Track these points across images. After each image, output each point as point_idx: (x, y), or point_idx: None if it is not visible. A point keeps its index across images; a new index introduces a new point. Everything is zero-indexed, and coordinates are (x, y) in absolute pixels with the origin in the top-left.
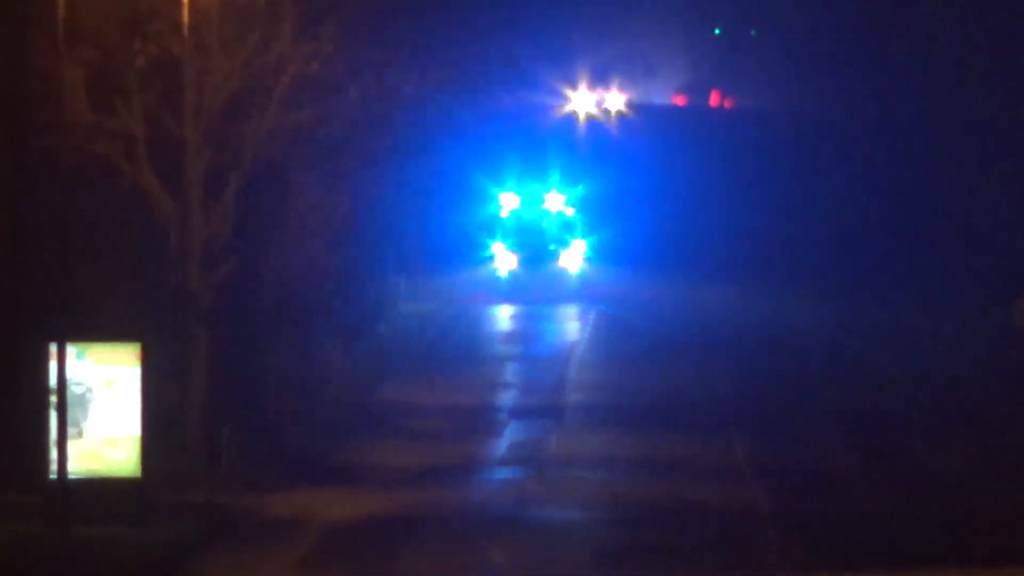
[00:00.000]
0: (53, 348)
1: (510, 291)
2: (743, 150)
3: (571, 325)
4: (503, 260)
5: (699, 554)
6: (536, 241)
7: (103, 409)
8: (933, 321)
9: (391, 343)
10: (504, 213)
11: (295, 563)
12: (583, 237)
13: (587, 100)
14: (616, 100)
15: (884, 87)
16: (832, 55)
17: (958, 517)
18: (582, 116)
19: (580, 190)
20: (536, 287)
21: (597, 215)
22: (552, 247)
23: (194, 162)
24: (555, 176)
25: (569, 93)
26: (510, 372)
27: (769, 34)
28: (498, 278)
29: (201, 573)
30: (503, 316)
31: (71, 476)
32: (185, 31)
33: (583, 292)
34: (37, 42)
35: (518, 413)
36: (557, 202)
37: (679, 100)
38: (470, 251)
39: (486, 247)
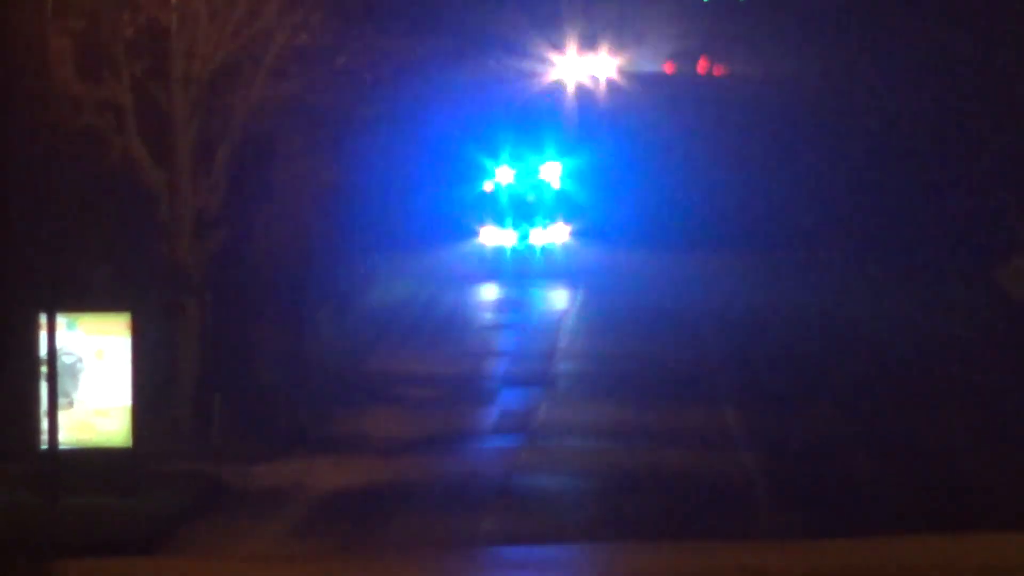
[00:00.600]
0: (43, 318)
1: (496, 269)
2: (731, 119)
3: (559, 302)
4: (490, 236)
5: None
6: (524, 216)
7: (94, 379)
8: (918, 290)
9: (377, 316)
10: (490, 187)
11: (287, 532)
12: (573, 211)
13: (577, 66)
14: (606, 66)
15: (880, 55)
16: (825, 20)
17: (950, 484)
18: (571, 83)
19: (570, 163)
20: (524, 264)
21: (588, 188)
22: (541, 222)
23: (183, 133)
24: (544, 149)
25: (557, 59)
26: (499, 342)
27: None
28: (485, 255)
29: (192, 542)
30: (489, 296)
31: (62, 446)
32: (173, 0)
33: (573, 268)
34: (24, 12)
35: (508, 381)
36: (546, 175)
37: (668, 68)
38: (456, 227)
39: (472, 223)
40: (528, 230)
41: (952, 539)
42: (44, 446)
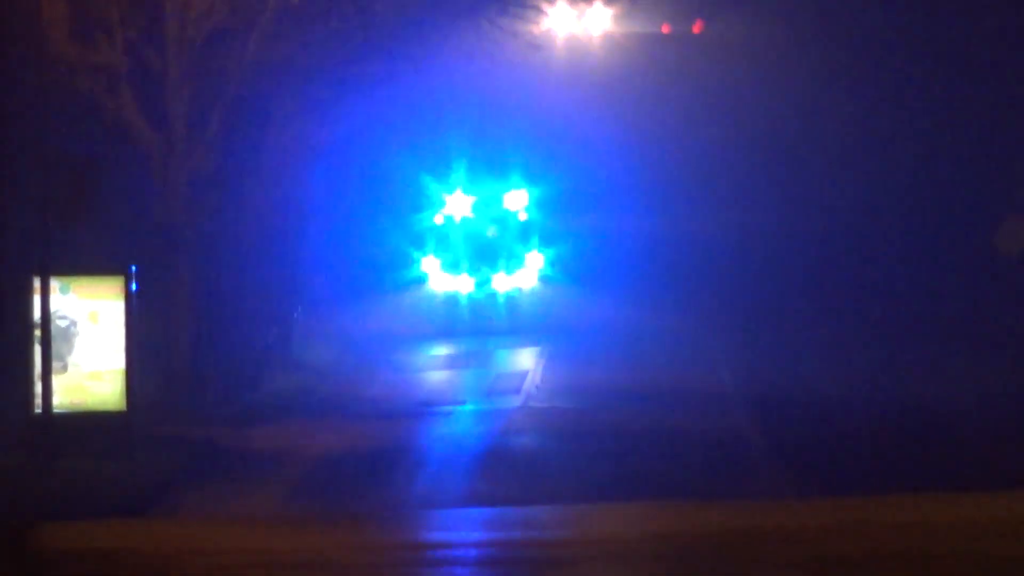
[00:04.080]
0: (37, 282)
1: (448, 323)
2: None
3: (515, 379)
4: (438, 281)
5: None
6: (481, 255)
7: (88, 343)
8: (914, 250)
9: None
10: (440, 220)
11: (282, 493)
12: (544, 250)
13: (568, 17)
14: (601, 17)
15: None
16: None
17: (949, 442)
18: (561, 37)
19: (541, 189)
20: (484, 317)
21: (563, 221)
22: (504, 263)
23: (177, 96)
24: (509, 171)
25: (545, 7)
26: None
27: None
28: (430, 306)
29: (187, 504)
30: (428, 363)
31: (56, 410)
32: None
33: (543, 323)
34: None
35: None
36: (513, 202)
37: (664, 29)
38: (397, 271)
39: (414, 265)
40: (488, 274)
41: (953, 497)
42: (38, 410)
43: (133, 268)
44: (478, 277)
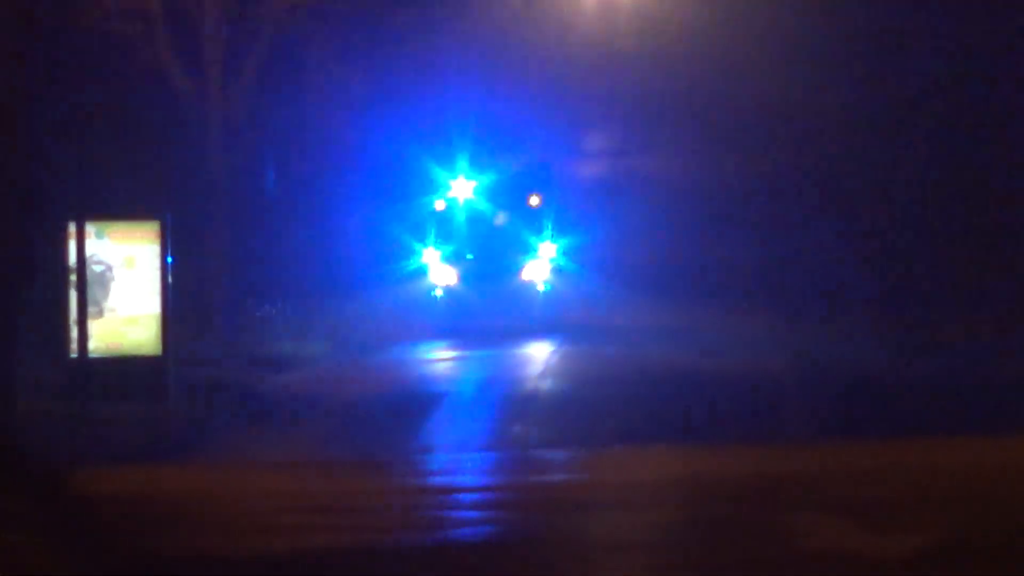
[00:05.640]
0: (72, 227)
1: (443, 324)
2: None
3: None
4: (443, 274)
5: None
6: (487, 245)
7: (123, 288)
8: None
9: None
10: (442, 206)
11: (320, 438)
12: (560, 238)
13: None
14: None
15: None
16: None
17: (988, 389)
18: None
19: (557, 168)
20: (483, 316)
21: (583, 206)
22: (511, 254)
23: (212, 41)
24: (524, 144)
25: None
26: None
27: None
28: (430, 302)
29: (221, 449)
30: (421, 367)
31: (92, 355)
32: None
33: (558, 322)
34: None
35: None
36: (519, 187)
37: None
38: (394, 262)
39: (415, 256)
40: (496, 266)
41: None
42: (74, 355)
43: (168, 213)
44: (483, 269)
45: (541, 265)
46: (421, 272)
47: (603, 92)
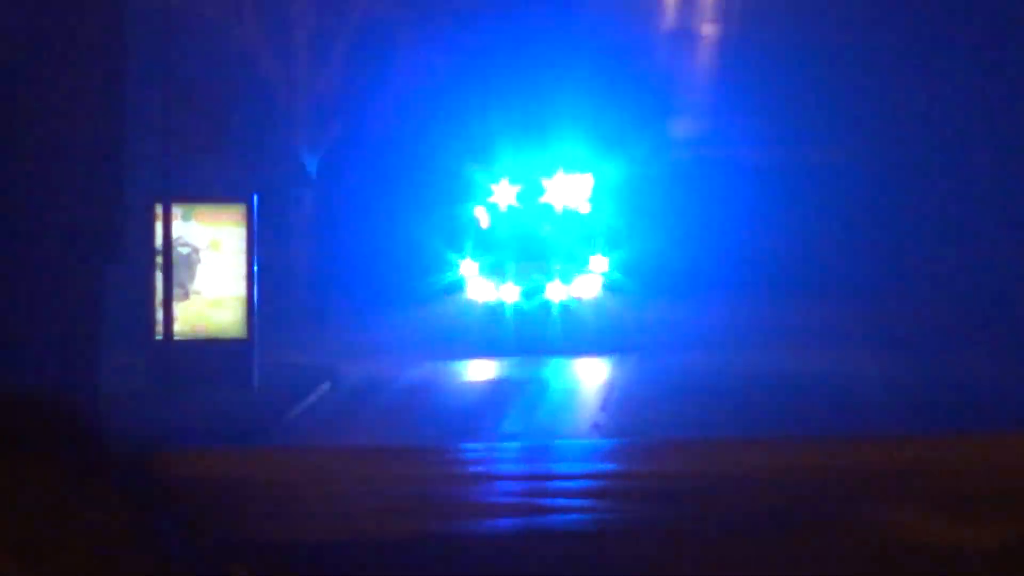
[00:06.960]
0: (159, 209)
1: (490, 338)
2: None
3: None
4: (482, 288)
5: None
6: (534, 258)
7: (209, 270)
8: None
9: None
10: (482, 214)
11: (402, 424)
12: (611, 250)
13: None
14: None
15: None
16: None
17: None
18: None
19: (609, 174)
20: (533, 331)
21: (636, 214)
22: (561, 267)
23: (300, 22)
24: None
25: None
26: None
27: None
28: (474, 317)
29: (304, 432)
30: (455, 387)
31: (177, 337)
32: None
33: (611, 342)
34: None
35: None
36: (569, 194)
37: None
38: (431, 273)
39: (451, 269)
40: (541, 280)
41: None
42: (160, 337)
43: (255, 196)
44: (527, 284)
45: (592, 280)
46: (457, 287)
47: (658, 90)
